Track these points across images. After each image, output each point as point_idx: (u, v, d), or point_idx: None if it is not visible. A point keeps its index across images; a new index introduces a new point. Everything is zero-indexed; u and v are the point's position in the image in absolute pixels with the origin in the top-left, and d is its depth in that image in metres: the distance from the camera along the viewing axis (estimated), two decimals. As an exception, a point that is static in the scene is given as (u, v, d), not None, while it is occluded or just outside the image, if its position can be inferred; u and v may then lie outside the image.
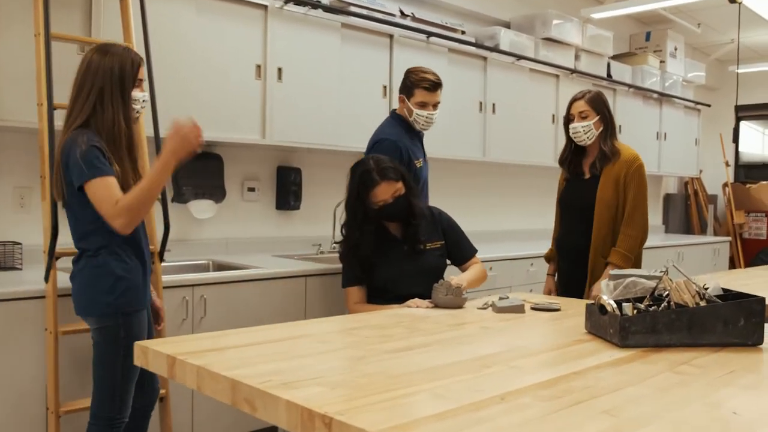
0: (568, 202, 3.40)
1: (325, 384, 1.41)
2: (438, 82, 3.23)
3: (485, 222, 5.64)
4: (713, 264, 7.15)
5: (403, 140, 3.22)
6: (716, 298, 1.97)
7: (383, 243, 2.69)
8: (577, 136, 3.22)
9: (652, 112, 6.85)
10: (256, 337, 1.88)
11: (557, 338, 1.97)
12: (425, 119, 3.23)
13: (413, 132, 3.33)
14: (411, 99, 3.22)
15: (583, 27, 5.81)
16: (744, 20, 6.85)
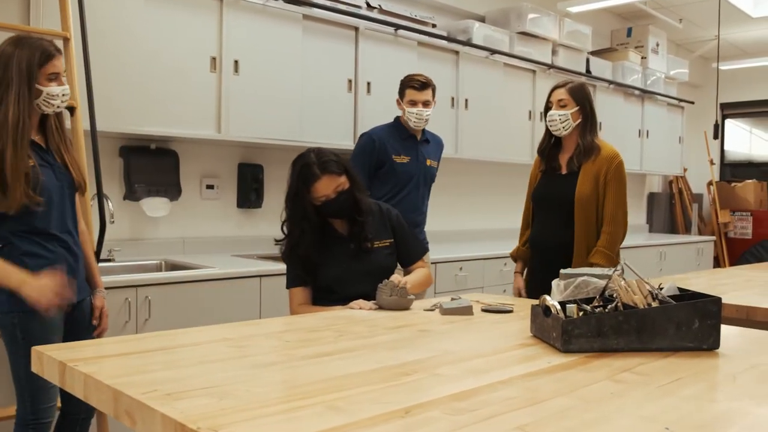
0: (543, 198, 3.22)
1: (214, 395, 1.26)
2: (426, 82, 3.52)
3: (457, 221, 5.49)
4: (697, 264, 7.02)
5: (381, 135, 3.54)
6: (670, 298, 1.82)
7: (328, 241, 2.54)
8: (552, 124, 3.06)
9: (633, 109, 6.72)
10: (166, 342, 1.73)
11: (498, 342, 1.82)
12: (415, 116, 3.50)
13: (407, 133, 3.59)
14: (403, 99, 3.54)
15: (561, 21, 5.67)
16: (727, 16, 6.74)
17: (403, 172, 3.53)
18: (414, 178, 3.57)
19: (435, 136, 3.79)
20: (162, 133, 3.48)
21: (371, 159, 3.48)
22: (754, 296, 3.46)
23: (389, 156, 3.50)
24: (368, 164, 3.48)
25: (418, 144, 3.62)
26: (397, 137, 3.57)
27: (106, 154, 3.60)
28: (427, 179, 3.68)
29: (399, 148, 3.55)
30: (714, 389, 1.43)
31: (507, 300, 2.60)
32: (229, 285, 3.26)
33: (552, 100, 3.10)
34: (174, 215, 3.83)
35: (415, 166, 3.58)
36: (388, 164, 3.50)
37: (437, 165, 3.78)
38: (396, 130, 3.59)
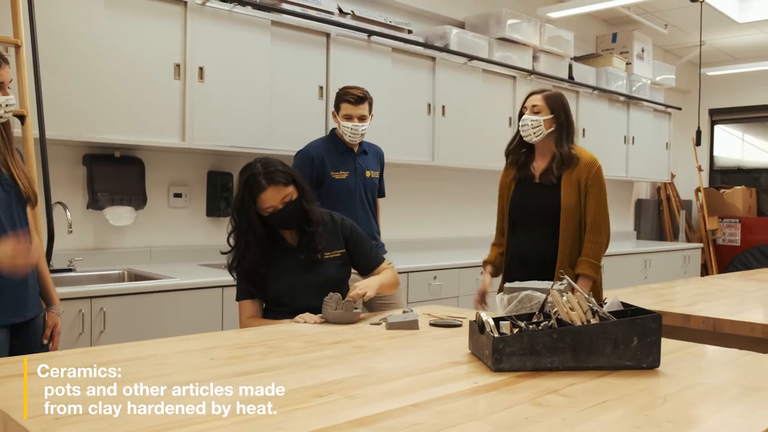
0: (524, 209, 3.09)
1: (95, 420, 1.21)
2: (362, 96, 3.42)
3: (433, 229, 5.42)
4: (684, 272, 6.95)
5: (319, 151, 3.43)
6: (611, 315, 1.76)
7: (277, 253, 2.48)
8: (524, 129, 2.96)
9: (618, 116, 6.66)
10: (86, 359, 1.67)
11: (432, 360, 1.76)
12: (351, 130, 3.40)
13: (344, 147, 3.47)
14: (339, 113, 3.44)
15: (542, 27, 5.62)
16: (712, 21, 6.68)
17: (342, 188, 3.43)
18: (354, 192, 3.46)
19: (373, 146, 3.64)
20: (125, 141, 3.43)
21: (311, 177, 3.33)
22: (724, 307, 3.41)
23: (327, 172, 3.41)
24: (308, 182, 3.35)
25: (356, 156, 3.50)
26: (334, 151, 3.45)
27: (68, 163, 3.56)
28: (368, 191, 3.55)
29: (337, 163, 3.45)
30: (638, 413, 1.37)
31: (462, 313, 2.54)
32: (189, 296, 3.20)
33: (526, 106, 3.01)
34: (140, 224, 3.77)
35: (354, 180, 3.47)
36: (327, 181, 3.41)
37: (379, 175, 3.64)
38: (332, 143, 3.48)
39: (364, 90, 3.45)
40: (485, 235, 5.66)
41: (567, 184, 2.97)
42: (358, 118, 3.40)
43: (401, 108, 4.59)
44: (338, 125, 3.44)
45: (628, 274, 6.01)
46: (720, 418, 1.36)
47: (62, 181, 3.51)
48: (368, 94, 3.46)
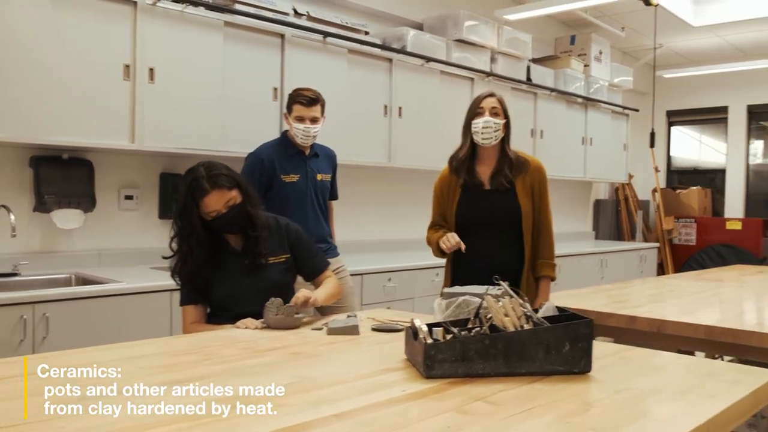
0: (478, 216, 2.97)
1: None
2: (315, 98, 3.39)
3: (389, 230, 5.43)
4: (640, 271, 7.05)
5: (270, 154, 3.39)
6: (545, 320, 1.78)
7: (221, 257, 2.47)
8: (486, 131, 2.85)
9: (576, 117, 6.73)
10: (8, 370, 1.64)
11: (367, 366, 1.76)
12: (302, 132, 3.37)
13: (295, 149, 3.44)
14: (290, 114, 3.40)
15: (500, 29, 5.65)
16: (668, 25, 6.79)
17: (292, 192, 3.40)
18: (305, 195, 3.44)
19: (324, 147, 3.60)
20: (73, 143, 3.38)
21: (260, 180, 3.31)
22: (671, 308, 3.46)
23: (278, 175, 3.37)
24: (257, 185, 3.29)
25: (307, 159, 3.47)
26: (284, 154, 3.41)
27: (15, 165, 3.49)
28: (319, 195, 3.51)
29: (287, 166, 3.41)
30: (561, 420, 1.38)
31: (408, 317, 2.53)
32: (137, 300, 3.16)
33: (484, 107, 2.90)
34: (89, 227, 3.71)
35: (305, 184, 3.44)
36: (277, 184, 3.37)
37: (330, 178, 3.61)
38: (283, 146, 3.44)
39: (316, 92, 3.42)
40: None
41: (521, 188, 2.94)
42: (310, 119, 3.37)
43: (357, 109, 4.59)
44: (290, 127, 3.41)
45: (585, 274, 6.08)
46: (641, 425, 1.38)
47: (8, 183, 3.45)
48: (320, 96, 3.43)
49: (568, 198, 7.38)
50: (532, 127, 6.10)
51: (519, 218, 2.91)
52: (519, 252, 2.94)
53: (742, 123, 8.33)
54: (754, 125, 8.41)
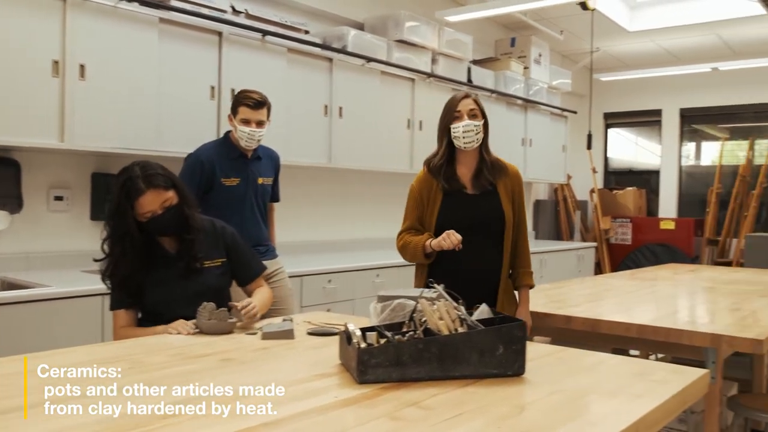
0: (463, 221, 2.75)
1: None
2: (262, 101, 3.29)
3: (329, 231, 5.40)
4: (578, 270, 7.18)
5: (210, 156, 3.28)
6: (479, 323, 1.78)
7: (155, 260, 2.40)
8: (468, 135, 2.69)
9: (516, 118, 6.81)
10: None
11: (300, 372, 1.73)
12: (248, 135, 3.26)
13: (237, 152, 3.33)
14: (236, 116, 3.29)
15: (441, 30, 5.68)
16: (605, 29, 6.93)
17: (232, 196, 3.30)
18: (244, 200, 3.35)
19: (267, 149, 3.51)
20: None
21: (200, 182, 3.21)
22: (606, 307, 3.52)
23: (218, 178, 3.27)
24: (195, 188, 3.20)
25: (249, 163, 3.37)
26: (226, 156, 3.31)
27: (-65, 164, 3.34)
28: (259, 199, 3.43)
29: (228, 169, 3.31)
30: (492, 424, 1.38)
31: (344, 320, 2.51)
32: (66, 305, 3.05)
33: (461, 110, 2.72)
34: (15, 229, 3.57)
35: (245, 188, 3.34)
36: (217, 187, 3.27)
37: (272, 181, 3.53)
38: (225, 148, 3.34)
39: (263, 94, 3.33)
40: (383, 237, 5.70)
41: (504, 193, 2.81)
42: (256, 123, 3.26)
43: (297, 109, 4.54)
44: (234, 129, 3.30)
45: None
46: (572, 427, 1.38)
47: (-73, 183, 3.29)
48: (267, 99, 3.34)
49: (508, 198, 7.45)
50: (473, 128, 6.14)
51: (503, 223, 2.78)
52: (500, 258, 2.81)
53: (675, 126, 8.57)
54: (687, 128, 8.66)
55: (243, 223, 3.30)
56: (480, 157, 2.80)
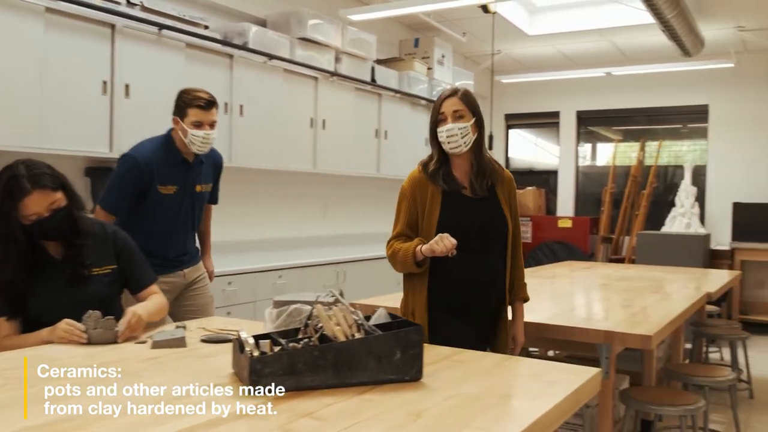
0: (470, 226, 2.52)
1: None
2: (212, 101, 3.09)
3: (230, 231, 5.25)
4: (480, 268, 7.29)
5: (149, 159, 3.03)
6: (376, 328, 1.75)
7: (39, 266, 2.24)
8: (452, 140, 2.46)
9: (420, 119, 6.84)
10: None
11: (191, 382, 1.64)
12: (201, 139, 3.03)
13: (179, 157, 3.11)
14: (185, 119, 3.03)
15: (344, 29, 5.64)
16: (505, 32, 7.07)
17: (165, 205, 3.08)
18: (178, 210, 3.14)
19: (212, 152, 3.29)
20: None
21: (135, 187, 3.00)
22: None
23: (154, 186, 3.02)
24: (130, 192, 3.00)
25: (190, 168, 3.15)
26: (166, 161, 3.06)
27: None
28: (195, 207, 3.24)
29: (166, 176, 3.06)
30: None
31: (241, 325, 2.43)
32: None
33: (445, 112, 2.51)
34: None
35: (181, 198, 3.13)
36: (151, 194, 3.03)
37: (211, 187, 3.34)
38: (167, 151, 3.08)
39: (209, 92, 3.12)
40: (286, 237, 5.62)
41: (502, 198, 2.61)
42: (209, 124, 3.04)
43: (196, 106, 4.40)
44: (183, 133, 3.03)
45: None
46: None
47: None
48: (215, 98, 3.12)
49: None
50: (377, 127, 6.15)
51: (506, 229, 2.59)
52: (504, 269, 2.62)
53: (572, 127, 8.87)
54: (583, 129, 8.97)
55: (169, 234, 3.16)
56: (475, 158, 2.55)
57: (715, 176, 8.13)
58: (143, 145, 3.11)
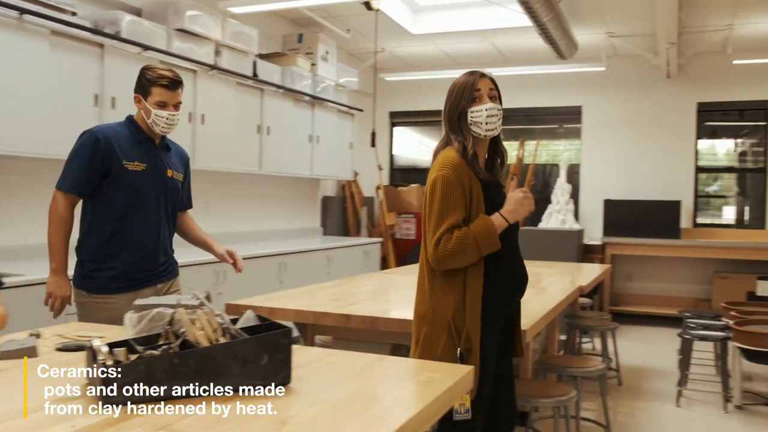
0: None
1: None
2: (178, 80, 2.89)
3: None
4: (364, 266, 7.32)
5: (108, 135, 2.83)
6: (243, 332, 1.68)
7: None
8: (491, 120, 2.32)
9: (303, 115, 6.79)
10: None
11: (36, 397, 1.52)
12: (166, 120, 2.86)
13: (143, 135, 2.91)
14: (148, 98, 2.86)
15: (224, 21, 5.48)
16: (391, 30, 7.11)
17: (136, 186, 2.85)
18: (152, 192, 2.91)
19: (176, 145, 3.12)
20: None
21: (95, 160, 2.77)
22: (384, 304, 3.58)
23: (118, 160, 2.80)
24: (90, 166, 2.77)
25: (157, 149, 2.95)
26: (129, 139, 2.87)
27: None
28: (169, 196, 2.98)
29: (132, 153, 2.85)
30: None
31: (104, 331, 2.30)
32: None
33: (482, 90, 2.35)
34: None
35: (153, 177, 2.90)
36: (117, 172, 2.80)
37: (182, 180, 3.09)
38: (129, 131, 2.90)
39: (175, 72, 2.92)
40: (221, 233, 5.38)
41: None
42: (174, 105, 2.86)
43: (63, 98, 4.15)
44: (145, 113, 2.86)
45: (312, 271, 6.14)
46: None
47: None
48: (180, 77, 2.92)
49: (296, 195, 7.45)
50: (259, 123, 6.03)
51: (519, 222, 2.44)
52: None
53: (455, 126, 9.01)
54: (465, 128, 9.14)
55: (149, 223, 2.91)
56: (492, 145, 2.45)
57: (588, 174, 8.51)
58: (102, 124, 2.99)
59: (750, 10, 6.41)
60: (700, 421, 4.41)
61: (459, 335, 2.28)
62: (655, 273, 8.12)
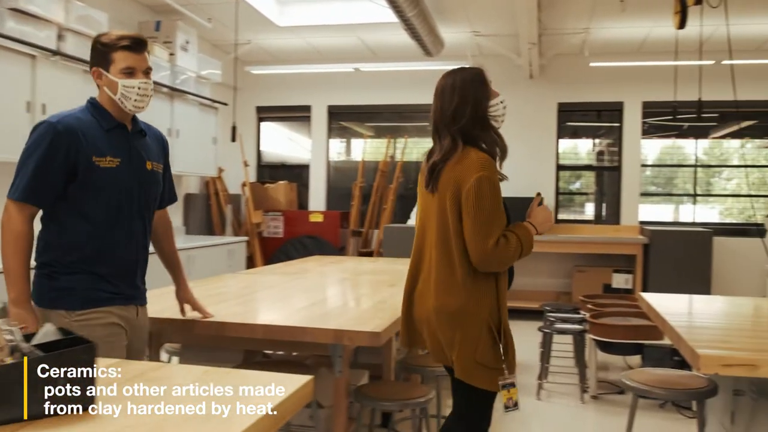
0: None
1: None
2: (142, 40, 2.33)
3: None
4: (229, 265, 7.05)
5: (72, 126, 2.20)
6: (38, 349, 1.45)
7: None
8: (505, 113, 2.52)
9: (162, 107, 6.43)
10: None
11: None
12: (138, 90, 2.27)
13: (113, 122, 2.32)
14: (111, 68, 2.27)
15: (69, 3, 5.07)
16: (256, 22, 6.87)
17: (110, 185, 2.28)
18: (129, 192, 2.33)
19: (151, 127, 2.56)
20: None
21: (57, 159, 2.18)
22: (236, 308, 3.37)
23: (86, 157, 2.22)
24: (50, 167, 2.18)
25: (130, 137, 2.37)
26: (96, 128, 2.28)
27: None
28: (149, 193, 2.42)
29: (102, 146, 2.26)
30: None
31: None
32: None
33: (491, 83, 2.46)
34: None
35: (129, 172, 2.32)
36: (85, 170, 2.23)
37: (162, 170, 2.53)
38: (94, 118, 2.30)
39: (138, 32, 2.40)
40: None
41: None
42: (143, 72, 2.30)
43: None
44: (110, 88, 2.28)
45: (171, 271, 5.81)
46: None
47: None
48: (144, 37, 2.38)
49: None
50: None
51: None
52: None
53: (324, 122, 8.89)
54: (335, 125, 9.04)
55: (129, 234, 2.35)
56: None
57: (456, 172, 8.59)
58: (61, 112, 2.30)
59: (605, 15, 6.66)
60: (558, 413, 4.50)
61: (498, 332, 2.35)
62: (517, 268, 8.30)
